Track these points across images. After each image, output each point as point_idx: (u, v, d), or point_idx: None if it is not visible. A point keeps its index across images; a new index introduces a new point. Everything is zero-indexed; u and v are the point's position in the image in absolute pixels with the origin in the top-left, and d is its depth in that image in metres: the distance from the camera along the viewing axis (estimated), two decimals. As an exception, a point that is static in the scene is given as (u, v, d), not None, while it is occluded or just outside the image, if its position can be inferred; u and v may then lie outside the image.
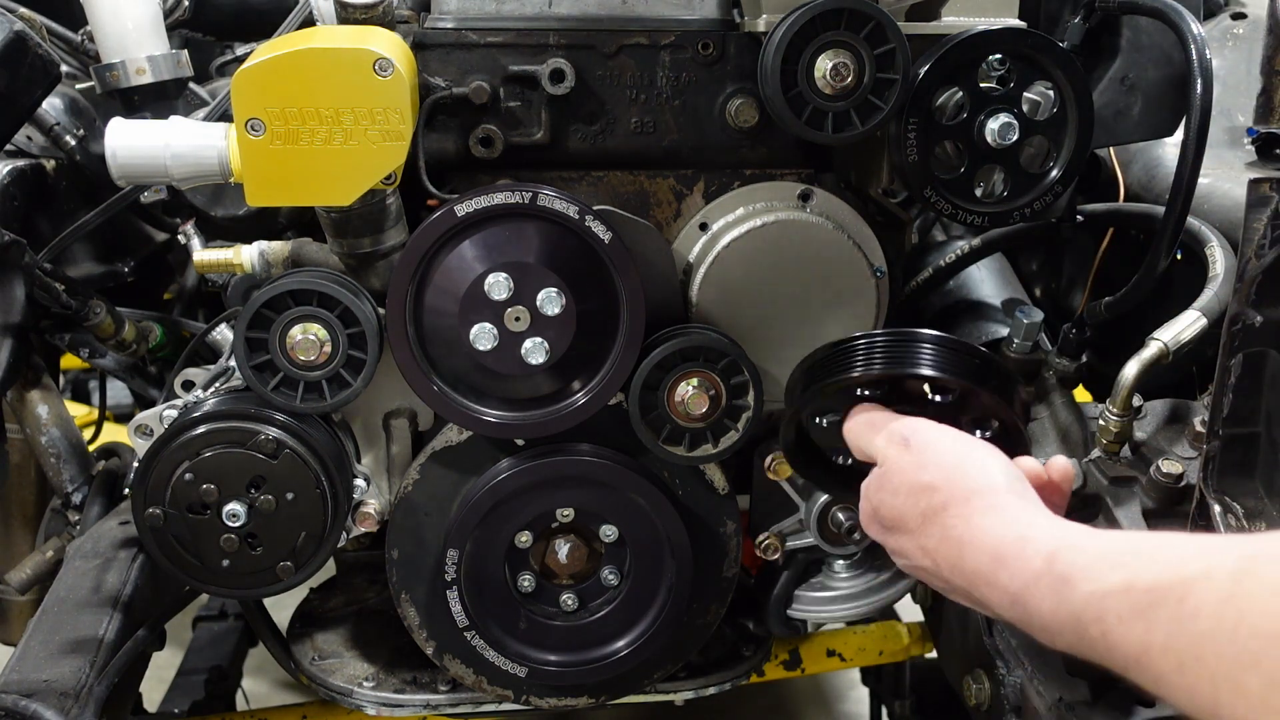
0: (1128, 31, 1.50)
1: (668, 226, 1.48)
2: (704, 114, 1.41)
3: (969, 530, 0.95)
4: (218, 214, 1.64)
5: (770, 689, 2.76)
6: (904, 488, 1.04)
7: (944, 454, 1.04)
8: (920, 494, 1.02)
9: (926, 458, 1.05)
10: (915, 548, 1.02)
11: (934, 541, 0.99)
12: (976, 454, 1.04)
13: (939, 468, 1.02)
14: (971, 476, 1.00)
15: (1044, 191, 1.36)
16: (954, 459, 1.03)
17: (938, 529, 0.99)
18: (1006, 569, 0.89)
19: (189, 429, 1.34)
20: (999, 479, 1.00)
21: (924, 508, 1.01)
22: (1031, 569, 0.86)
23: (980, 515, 0.95)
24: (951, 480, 1.00)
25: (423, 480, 1.47)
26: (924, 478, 1.02)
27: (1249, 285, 1.16)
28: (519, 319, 1.32)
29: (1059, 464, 1.09)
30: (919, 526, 1.01)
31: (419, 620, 1.51)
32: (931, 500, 1.00)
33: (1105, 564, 0.80)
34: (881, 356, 1.16)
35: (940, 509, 0.99)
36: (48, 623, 1.44)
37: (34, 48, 1.46)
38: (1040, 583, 0.84)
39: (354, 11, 1.25)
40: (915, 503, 1.02)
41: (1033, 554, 0.87)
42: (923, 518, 1.01)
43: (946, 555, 0.97)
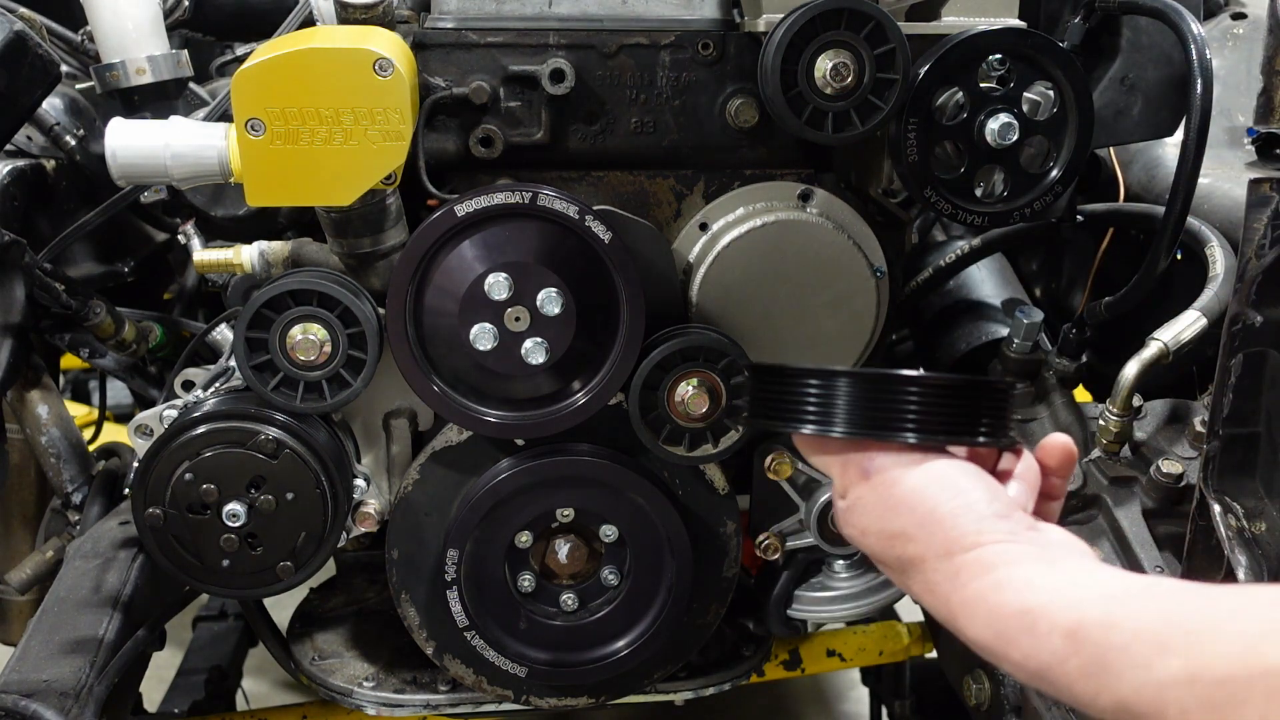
0: (1128, 31, 1.50)
1: (668, 226, 1.48)
2: (704, 114, 1.41)
3: (959, 595, 0.83)
4: (218, 214, 1.64)
5: (770, 689, 2.76)
6: (873, 531, 0.91)
7: (912, 496, 0.89)
8: (892, 540, 0.89)
9: (893, 498, 0.90)
10: (900, 580, 0.92)
11: (917, 590, 0.89)
12: (948, 492, 0.88)
13: (909, 513, 0.89)
14: (947, 525, 0.86)
15: (1044, 191, 1.36)
16: (925, 505, 0.88)
17: (920, 583, 0.88)
18: (1017, 648, 0.77)
19: (189, 429, 1.34)
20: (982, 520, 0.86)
21: (898, 556, 0.89)
22: (1051, 649, 0.74)
23: (970, 579, 0.83)
24: (926, 530, 0.87)
25: (423, 480, 1.47)
26: (893, 525, 0.89)
27: (1249, 285, 1.16)
28: (519, 319, 1.32)
29: (1055, 446, 0.96)
30: (898, 570, 0.90)
31: (419, 620, 1.51)
32: (906, 550, 0.88)
33: (1150, 646, 0.68)
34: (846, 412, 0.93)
35: (918, 562, 0.87)
36: (48, 623, 1.44)
37: (34, 48, 1.46)
38: (1068, 665, 0.73)
39: (354, 11, 1.25)
40: (889, 548, 0.90)
41: (1047, 631, 0.75)
42: (900, 566, 0.90)
43: (934, 610, 0.87)
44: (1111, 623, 0.72)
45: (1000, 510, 0.87)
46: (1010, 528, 0.86)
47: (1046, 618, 0.76)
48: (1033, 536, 0.85)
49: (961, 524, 0.86)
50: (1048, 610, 0.76)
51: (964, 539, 0.85)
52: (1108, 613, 0.73)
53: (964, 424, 0.93)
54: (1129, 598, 0.74)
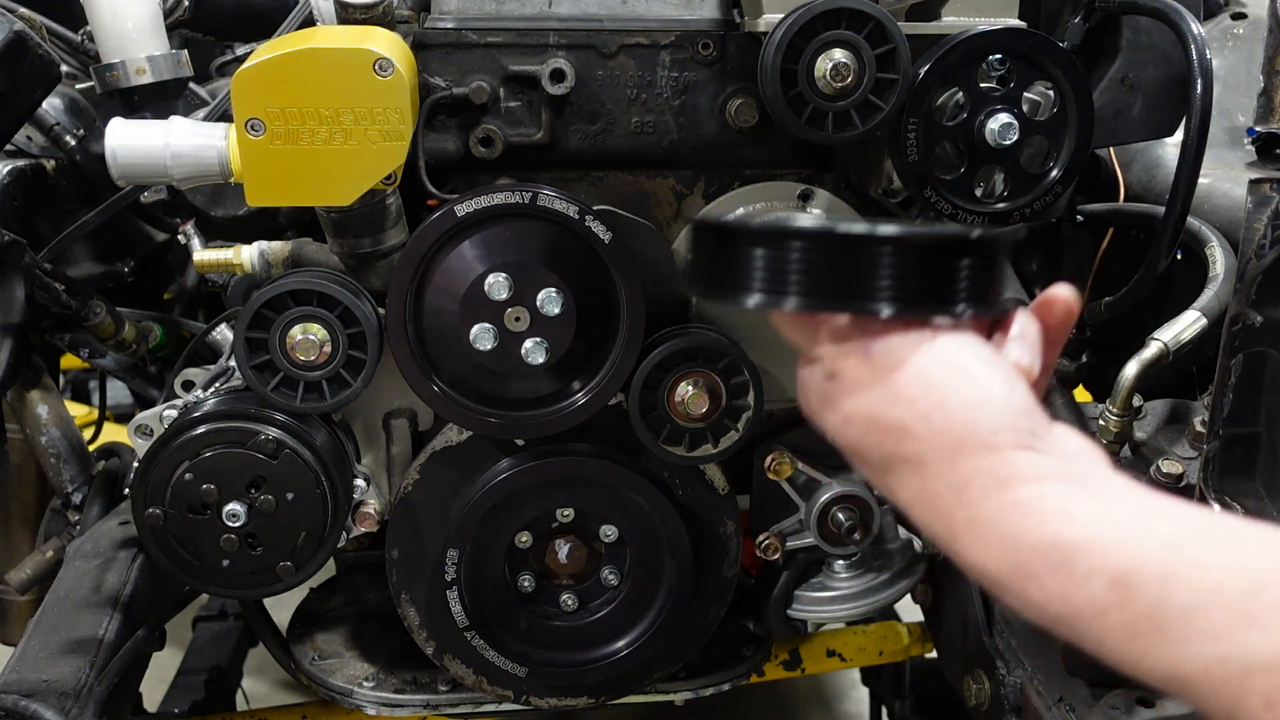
0: (1128, 31, 1.50)
1: (668, 226, 1.48)
2: (704, 114, 1.41)
3: (963, 510, 0.70)
4: (218, 214, 1.64)
5: (770, 689, 2.76)
6: (861, 420, 0.77)
7: (917, 382, 0.75)
8: (885, 434, 0.75)
9: (894, 382, 0.75)
10: (882, 481, 0.78)
11: (906, 496, 0.75)
12: (962, 380, 0.74)
13: (911, 403, 0.74)
14: (959, 419, 0.72)
15: (1044, 191, 1.36)
16: (934, 394, 0.74)
17: (914, 483, 0.74)
18: (1039, 587, 0.65)
19: (189, 429, 1.34)
20: (1000, 417, 0.72)
21: (891, 451, 0.75)
22: (1088, 595, 0.62)
23: (983, 493, 0.69)
24: (932, 423, 0.73)
25: (423, 480, 1.47)
26: (892, 413, 0.75)
27: (1249, 285, 1.16)
28: (519, 319, 1.32)
29: (1058, 300, 0.83)
30: (883, 467, 0.77)
31: (419, 620, 1.51)
32: (902, 446, 0.74)
33: (1232, 616, 0.55)
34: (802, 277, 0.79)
35: (916, 461, 0.73)
36: (48, 623, 1.44)
37: (34, 48, 1.46)
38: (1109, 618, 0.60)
39: (354, 11, 1.25)
40: (879, 443, 0.76)
41: (1085, 573, 0.62)
42: (888, 461, 0.76)
43: (926, 523, 0.74)
44: (1174, 575, 0.58)
45: (1020, 405, 0.73)
46: (1031, 428, 0.72)
47: (1087, 557, 0.62)
48: (1055, 444, 0.72)
49: (978, 423, 0.72)
50: (1089, 548, 0.62)
51: (976, 439, 0.71)
52: (1169, 562, 0.59)
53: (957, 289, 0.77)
54: (1198, 544, 0.60)
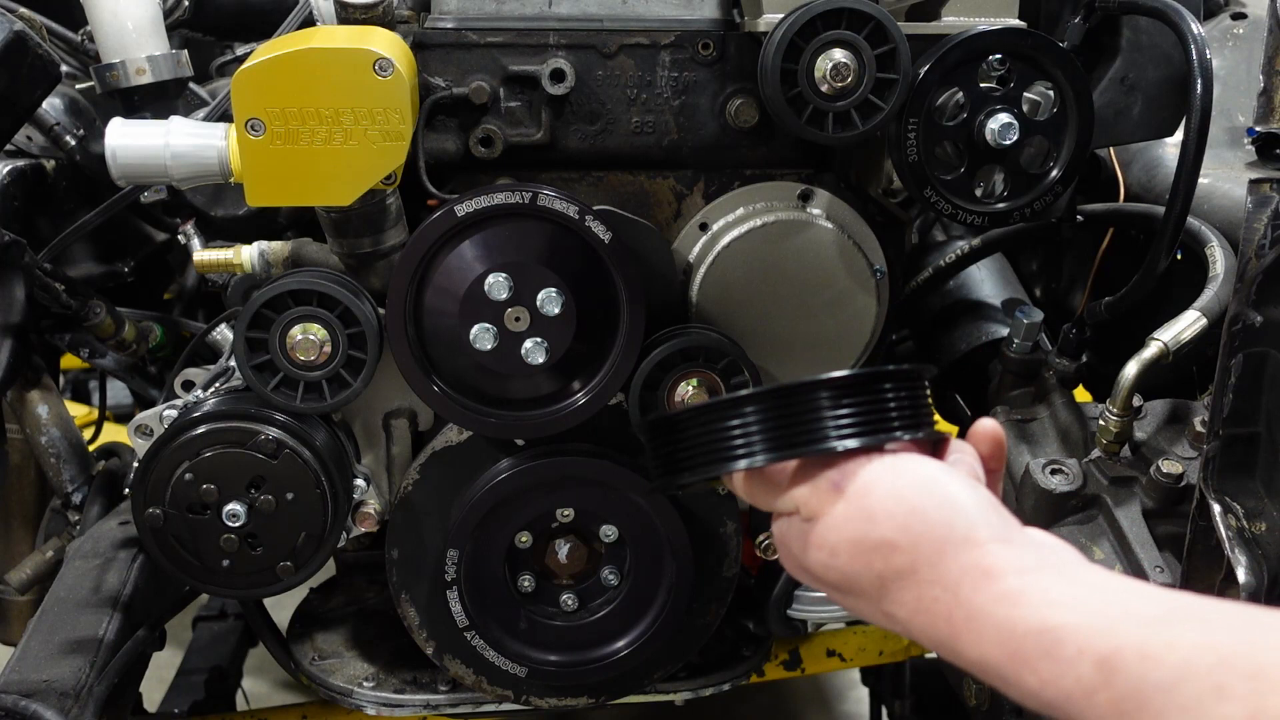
0: (1128, 31, 1.50)
1: (668, 226, 1.48)
2: (704, 114, 1.41)
3: (960, 609, 0.73)
4: (218, 214, 1.64)
5: (770, 689, 2.76)
6: (846, 547, 0.80)
7: (891, 500, 0.79)
8: (873, 554, 0.78)
9: (871, 504, 0.79)
10: (876, 612, 0.81)
11: (905, 612, 0.77)
12: (935, 486, 0.79)
13: (890, 517, 0.78)
14: (937, 523, 0.76)
15: (1044, 191, 1.36)
16: (909, 502, 0.78)
17: (910, 597, 0.76)
18: (1034, 672, 0.67)
19: (189, 429, 1.34)
20: (973, 515, 0.77)
21: (881, 571, 0.78)
22: (1076, 678, 0.64)
23: (974, 589, 0.72)
24: (913, 532, 0.77)
25: (423, 480, 1.47)
26: (874, 533, 0.78)
27: (1249, 285, 1.16)
28: (519, 319, 1.32)
29: (984, 432, 0.88)
30: (878, 592, 0.79)
31: (419, 620, 1.51)
32: (891, 562, 0.77)
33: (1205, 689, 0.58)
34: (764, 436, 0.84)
35: (908, 573, 0.76)
36: (48, 623, 1.44)
37: (34, 48, 1.46)
38: (1096, 699, 0.63)
39: (354, 11, 1.25)
40: (868, 565, 0.78)
41: (1073, 656, 0.65)
42: (882, 583, 0.78)
43: (929, 631, 0.76)
44: (1151, 654, 0.62)
45: (988, 504, 0.78)
46: (1004, 524, 0.77)
47: (1074, 640, 0.66)
48: (1029, 537, 0.77)
49: (954, 523, 0.76)
50: (1075, 632, 0.66)
51: (956, 536, 0.75)
52: (1146, 641, 0.63)
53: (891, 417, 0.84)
54: (1172, 624, 0.63)
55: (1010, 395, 1.63)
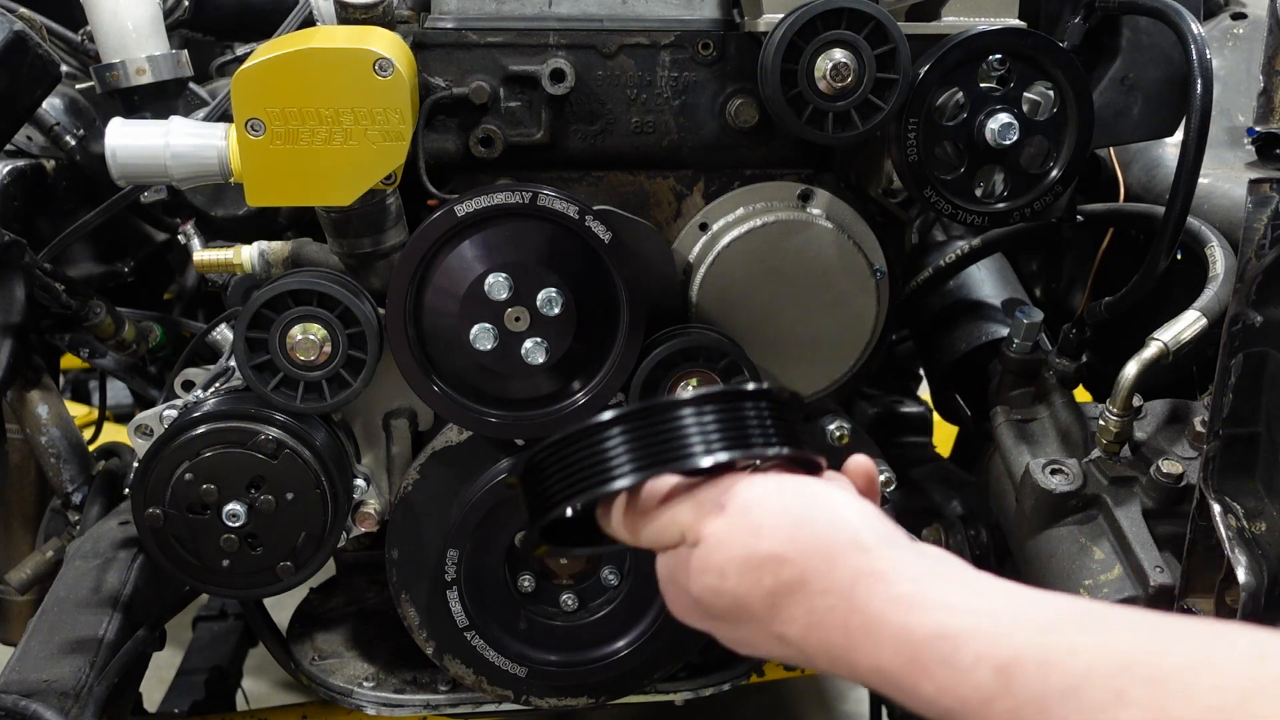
0: (1128, 31, 1.50)
1: (668, 226, 1.48)
2: (704, 114, 1.41)
3: (854, 613, 0.70)
4: (218, 214, 1.64)
5: (770, 689, 2.76)
6: (734, 565, 0.77)
7: (779, 509, 0.77)
8: (761, 569, 0.75)
9: (757, 518, 0.77)
10: (768, 637, 0.77)
11: (798, 628, 0.74)
12: (819, 498, 0.78)
13: (776, 530, 0.76)
14: (825, 532, 0.75)
15: (1044, 191, 1.36)
16: (795, 513, 0.76)
17: (801, 611, 0.73)
18: (931, 678, 0.66)
19: (189, 429, 1.34)
20: (861, 522, 0.75)
21: (771, 586, 0.75)
22: (975, 686, 0.63)
23: (869, 595, 0.70)
24: (801, 543, 0.74)
25: (423, 480, 1.47)
26: (762, 548, 0.75)
27: (1249, 285, 1.16)
28: (519, 319, 1.32)
29: (857, 468, 0.87)
30: (769, 611, 0.76)
31: (419, 620, 1.51)
32: (780, 575, 0.74)
33: (1105, 695, 0.58)
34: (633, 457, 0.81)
35: (798, 585, 0.73)
36: (48, 623, 1.44)
37: (34, 48, 1.46)
38: (994, 707, 0.62)
39: (354, 11, 1.25)
40: (757, 581, 0.75)
41: (971, 663, 0.64)
42: (772, 600, 0.75)
43: (821, 645, 0.73)
44: (1051, 661, 0.61)
45: (874, 513, 0.77)
46: (893, 532, 0.75)
47: (971, 647, 0.64)
48: (917, 546, 0.75)
49: (843, 530, 0.74)
50: (972, 638, 0.65)
51: (844, 541, 0.74)
52: (1045, 647, 0.62)
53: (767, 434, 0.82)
54: (1071, 629, 0.63)
55: (1010, 395, 1.63)
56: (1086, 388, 1.80)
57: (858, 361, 1.49)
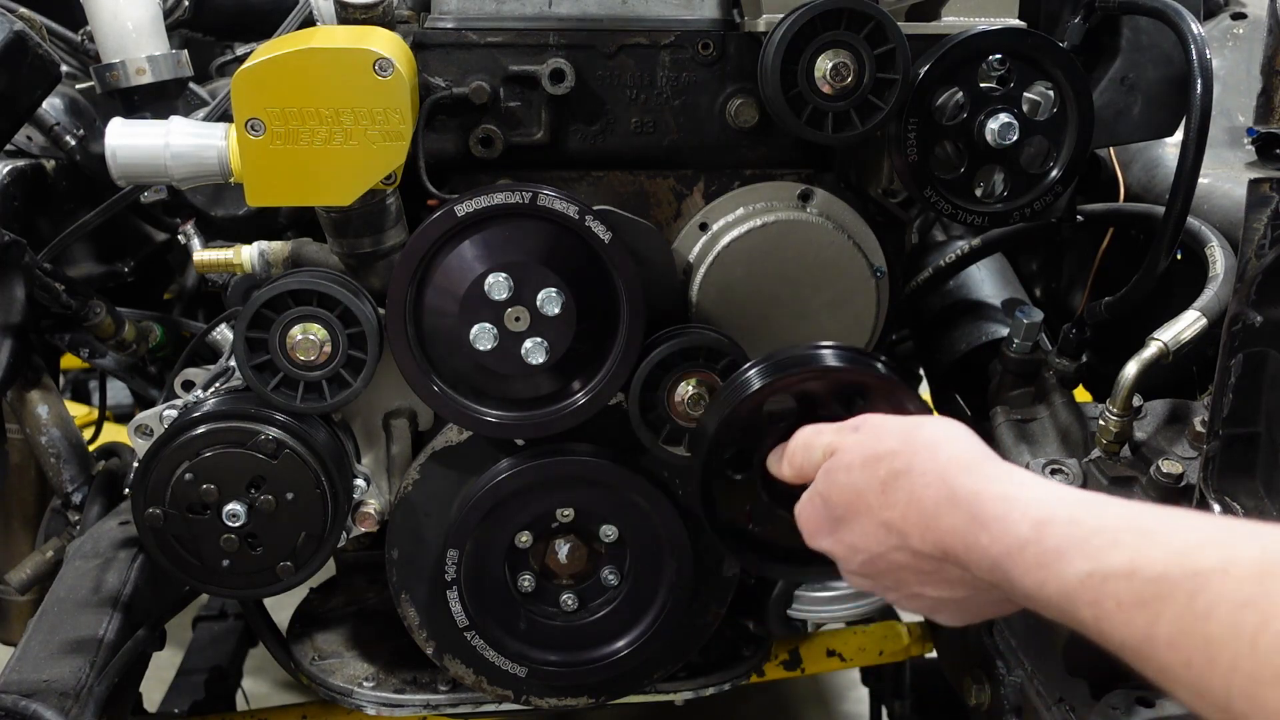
0: (1128, 31, 1.50)
1: (668, 226, 1.48)
2: (704, 114, 1.41)
3: (943, 485, 0.88)
4: (218, 214, 1.64)
5: (770, 689, 2.76)
6: (858, 461, 0.97)
7: (893, 422, 1.00)
8: (879, 461, 0.95)
9: (878, 429, 0.99)
10: (876, 527, 0.94)
11: (899, 510, 0.91)
12: (930, 420, 0.99)
13: (893, 434, 0.97)
14: (929, 431, 0.94)
15: (1044, 191, 1.36)
16: (906, 422, 0.98)
17: (903, 493, 0.91)
18: (987, 530, 0.82)
19: (189, 429, 1.34)
20: (960, 430, 0.95)
21: (884, 474, 0.94)
22: (1016, 534, 0.80)
23: (955, 470, 0.89)
24: (910, 439, 0.94)
25: (423, 480, 1.47)
26: (881, 446, 0.96)
27: (1249, 285, 1.16)
28: (519, 319, 1.32)
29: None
30: (879, 498, 0.93)
31: (419, 620, 1.51)
32: (893, 464, 0.93)
33: (1105, 540, 0.73)
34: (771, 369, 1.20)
35: (904, 470, 0.92)
36: (48, 623, 1.44)
37: (34, 48, 1.46)
38: (1026, 552, 0.78)
39: (354, 11, 1.25)
40: (874, 472, 0.95)
41: (1019, 517, 0.80)
42: (883, 486, 0.93)
43: (917, 520, 0.90)
44: (1076, 519, 0.78)
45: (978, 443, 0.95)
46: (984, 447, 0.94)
47: (1021, 502, 0.82)
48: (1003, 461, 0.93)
49: (944, 435, 0.95)
50: (1024, 497, 0.83)
51: (946, 436, 0.94)
52: (1074, 510, 0.79)
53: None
54: (1098, 502, 0.80)
55: (1010, 395, 1.63)
56: (1086, 388, 1.80)
57: (858, 361, 1.49)
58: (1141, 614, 0.68)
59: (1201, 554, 0.67)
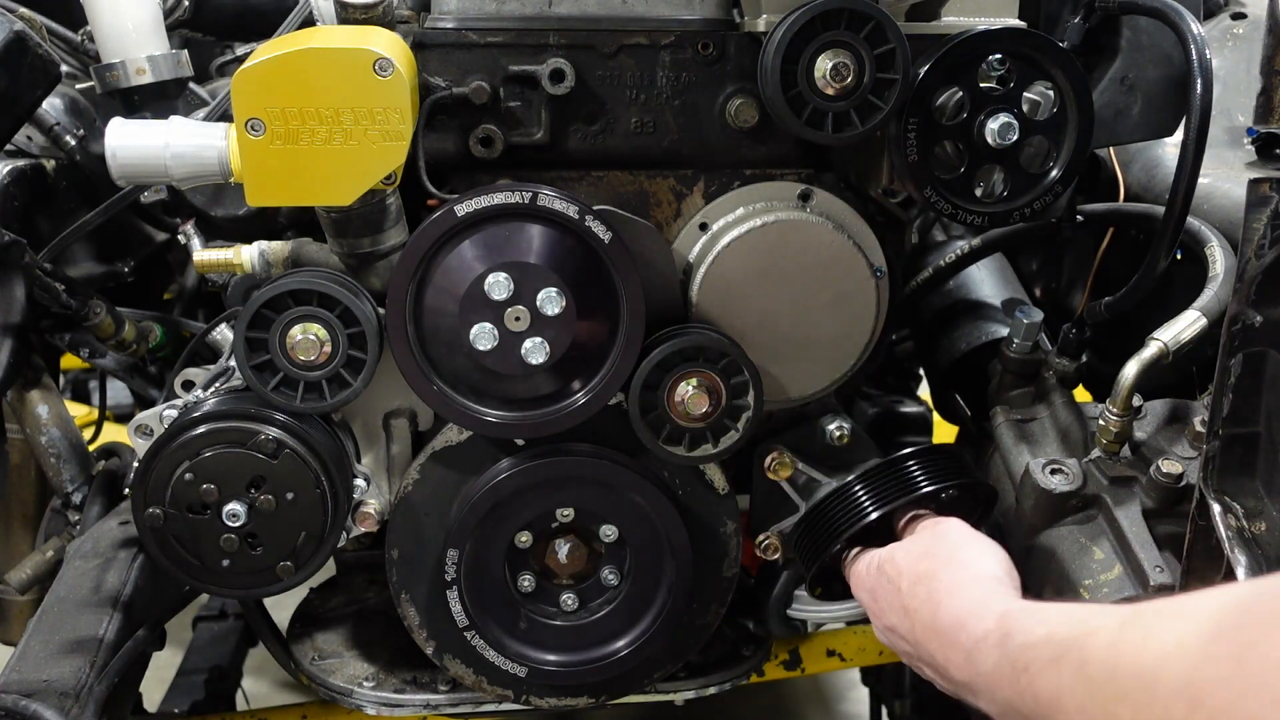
0: (1128, 31, 1.50)
1: (668, 226, 1.48)
2: (704, 114, 1.41)
3: (950, 595, 1.10)
4: (218, 214, 1.64)
5: (770, 689, 2.76)
6: (915, 552, 1.24)
7: (950, 537, 1.24)
8: (923, 559, 1.21)
9: (940, 539, 1.25)
10: (898, 607, 1.18)
11: (917, 601, 1.15)
12: (979, 543, 1.22)
13: (944, 545, 1.23)
14: (964, 557, 1.18)
15: (1044, 191, 1.36)
16: (958, 541, 1.23)
17: (924, 589, 1.15)
18: (965, 629, 1.03)
19: (189, 429, 1.34)
20: (990, 563, 1.17)
21: (921, 571, 1.18)
22: (984, 627, 1.00)
23: (965, 585, 1.11)
24: (950, 556, 1.19)
25: (423, 480, 1.47)
26: (931, 548, 1.22)
27: (1249, 285, 1.16)
28: (519, 319, 1.32)
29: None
30: (910, 586, 1.18)
31: (419, 620, 1.51)
32: (929, 565, 1.18)
33: (1036, 620, 0.93)
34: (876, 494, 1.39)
35: (931, 574, 1.16)
36: (48, 623, 1.44)
37: (34, 48, 1.46)
38: (989, 640, 0.97)
39: (354, 11, 1.25)
40: (915, 565, 1.20)
41: (988, 614, 1.01)
42: (915, 578, 1.18)
43: (924, 614, 1.12)
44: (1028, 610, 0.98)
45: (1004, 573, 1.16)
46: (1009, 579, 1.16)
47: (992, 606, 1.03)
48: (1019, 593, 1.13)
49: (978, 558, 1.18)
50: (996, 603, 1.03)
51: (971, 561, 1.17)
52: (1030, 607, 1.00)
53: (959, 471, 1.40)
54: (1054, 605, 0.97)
55: (1010, 395, 1.63)
56: (1086, 388, 1.80)
57: (858, 361, 1.49)
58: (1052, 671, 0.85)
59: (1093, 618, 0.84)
